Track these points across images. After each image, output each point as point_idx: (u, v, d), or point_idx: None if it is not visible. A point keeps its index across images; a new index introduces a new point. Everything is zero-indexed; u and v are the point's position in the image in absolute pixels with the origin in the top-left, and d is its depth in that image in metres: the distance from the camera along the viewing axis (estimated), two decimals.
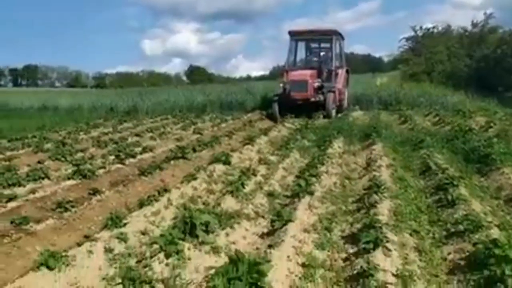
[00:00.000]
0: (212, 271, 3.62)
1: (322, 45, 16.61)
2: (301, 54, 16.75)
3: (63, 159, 8.31)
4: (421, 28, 33.18)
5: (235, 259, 3.04)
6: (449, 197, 4.99)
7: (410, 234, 4.25)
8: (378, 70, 49.49)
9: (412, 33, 33.37)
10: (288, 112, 14.15)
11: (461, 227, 4.15)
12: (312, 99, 13.90)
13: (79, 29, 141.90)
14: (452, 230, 4.29)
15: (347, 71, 16.69)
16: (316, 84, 14.02)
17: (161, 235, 3.87)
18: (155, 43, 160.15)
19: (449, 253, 3.89)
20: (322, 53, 16.49)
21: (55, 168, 7.50)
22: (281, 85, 14.47)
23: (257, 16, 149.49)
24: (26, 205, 5.25)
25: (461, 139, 8.84)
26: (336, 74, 15.10)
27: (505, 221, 4.51)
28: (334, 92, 14.13)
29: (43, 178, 6.59)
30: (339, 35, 15.89)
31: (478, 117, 12.79)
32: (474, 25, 29.88)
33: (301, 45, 16.46)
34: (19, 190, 5.92)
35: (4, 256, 3.92)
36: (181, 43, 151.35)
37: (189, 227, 4.06)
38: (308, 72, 14.18)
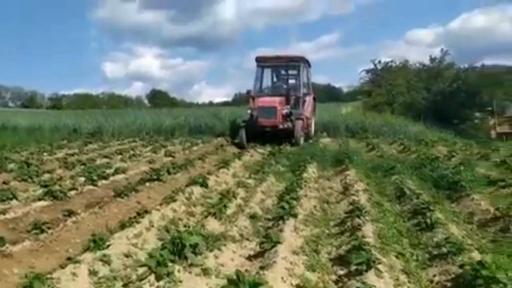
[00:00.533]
0: None
1: (290, 72, 16.62)
2: (268, 80, 16.68)
3: (29, 180, 7.97)
4: (380, 62, 34.68)
5: (235, 280, 3.00)
6: (428, 221, 5.15)
7: (396, 257, 4.34)
8: (338, 99, 50.88)
9: (372, 66, 34.80)
10: (255, 139, 13.89)
11: (444, 250, 4.27)
12: (281, 126, 13.71)
13: (36, 48, 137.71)
14: (435, 252, 4.41)
15: (314, 99, 16.84)
16: (285, 111, 13.84)
17: (151, 257, 3.76)
18: (116, 66, 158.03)
19: (434, 275, 3.99)
20: (291, 80, 16.44)
21: (22, 189, 7.15)
22: (249, 111, 14.28)
23: (221, 44, 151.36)
24: None
25: (428, 166, 9.17)
26: (304, 102, 15.15)
27: (482, 244, 4.69)
28: (302, 119, 14.03)
29: (11, 199, 6.27)
30: (306, 62, 16.17)
31: (440, 146, 13.38)
32: (432, 60, 31.50)
33: (268, 72, 16.48)
34: None
35: None
36: (144, 67, 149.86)
37: (178, 248, 3.97)
38: (276, 98, 14.08)
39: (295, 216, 5.40)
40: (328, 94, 67.87)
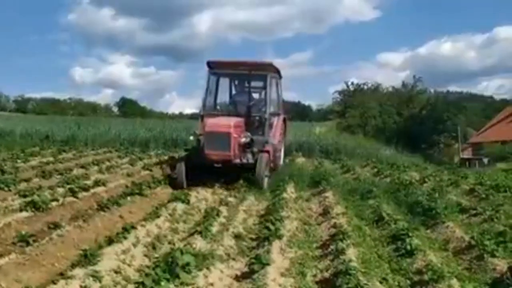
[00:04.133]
0: None
1: (253, 84, 11.78)
2: (225, 95, 11.93)
3: (6, 188, 7.78)
4: (352, 83, 35.73)
5: None
6: (408, 247, 5.36)
7: (380, 282, 4.51)
8: (307, 118, 51.75)
9: (343, 87, 35.82)
10: (200, 176, 9.66)
11: (425, 277, 4.47)
12: (237, 161, 9.50)
13: (2, 48, 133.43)
14: (415, 279, 4.61)
15: (284, 120, 12.40)
16: (243, 140, 9.60)
17: (146, 275, 3.80)
18: (86, 71, 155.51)
19: None
20: (254, 95, 11.64)
21: (0, 198, 6.99)
22: (192, 137, 10.38)
23: (195, 55, 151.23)
24: None
25: (403, 191, 9.49)
26: (271, 125, 10.77)
27: (460, 272, 4.92)
28: (267, 152, 9.89)
29: None
30: (276, 71, 11.58)
31: (412, 171, 13.82)
32: (404, 85, 32.69)
33: (226, 82, 11.85)
34: None
35: None
36: (114, 74, 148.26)
37: (170, 267, 4.02)
38: (232, 120, 9.63)
39: (280, 237, 5.52)
40: (297, 112, 68.98)
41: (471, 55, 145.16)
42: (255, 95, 11.66)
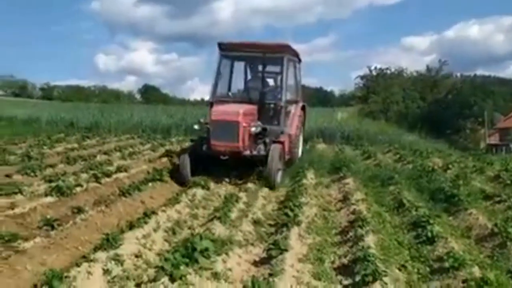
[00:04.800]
0: None
1: (269, 68, 10.50)
2: (239, 82, 10.79)
3: (32, 174, 8.02)
4: (375, 68, 35.06)
5: (250, 287, 3.11)
6: (428, 234, 5.30)
7: (399, 269, 4.49)
8: (329, 103, 51.20)
9: (366, 72, 35.20)
10: (207, 169, 8.72)
11: (445, 264, 4.42)
12: (247, 153, 8.42)
13: (28, 38, 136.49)
14: (436, 266, 4.57)
15: (303, 108, 11.16)
16: (254, 129, 8.47)
17: (166, 259, 3.87)
18: (109, 59, 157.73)
19: None
20: (269, 80, 10.57)
21: (26, 183, 7.19)
22: (196, 127, 9.36)
23: (216, 41, 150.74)
24: (6, 221, 5.04)
25: (425, 178, 9.35)
26: (288, 113, 9.83)
27: (482, 259, 4.85)
28: (282, 142, 8.86)
29: (16, 193, 6.34)
30: (294, 55, 10.59)
31: (435, 158, 13.57)
32: (429, 70, 31.94)
33: (240, 67, 10.83)
34: None
35: None
36: (137, 62, 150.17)
37: (190, 252, 4.08)
38: (241, 108, 8.48)
39: (298, 223, 5.52)
40: (319, 98, 68.24)
41: (499, 38, 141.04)
42: (271, 81, 10.62)
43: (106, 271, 3.92)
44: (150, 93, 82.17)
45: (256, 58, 10.09)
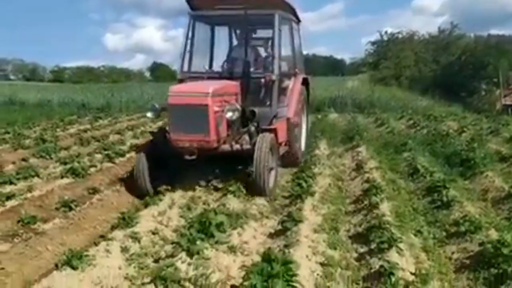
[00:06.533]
0: (234, 270, 3.74)
1: (260, 32, 8.01)
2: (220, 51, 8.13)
3: (47, 156, 8.12)
4: (386, 32, 34.28)
5: (268, 258, 3.14)
6: (444, 199, 5.28)
7: (415, 235, 4.49)
8: (340, 72, 50.35)
9: (377, 37, 34.44)
10: (170, 171, 6.35)
11: (461, 228, 4.40)
12: (225, 148, 6.04)
13: (35, 20, 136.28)
14: (452, 230, 4.55)
15: (305, 82, 8.29)
16: (230, 114, 5.89)
17: (182, 235, 3.92)
18: (117, 38, 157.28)
19: (453, 253, 4.14)
20: (260, 49, 7.84)
21: (42, 166, 7.31)
22: (149, 115, 6.61)
23: None
24: (25, 204, 5.15)
25: (439, 143, 9.25)
26: (284, 90, 7.30)
27: (499, 222, 4.81)
28: (274, 130, 6.34)
29: (33, 176, 6.44)
30: (289, 11, 7.75)
31: (449, 121, 13.39)
32: (440, 31, 31.15)
33: (220, 33, 8.26)
34: (11, 188, 5.77)
35: (19, 256, 3.88)
36: (145, 39, 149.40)
37: (205, 227, 4.12)
38: (210, 85, 6.02)
39: (312, 194, 5.53)
40: (330, 67, 67.11)
41: None
42: (262, 50, 7.79)
43: (124, 249, 3.99)
44: (159, 71, 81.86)
45: (237, 17, 7.00)
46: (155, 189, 5.91)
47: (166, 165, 6.27)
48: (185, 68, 7.26)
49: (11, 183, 6.01)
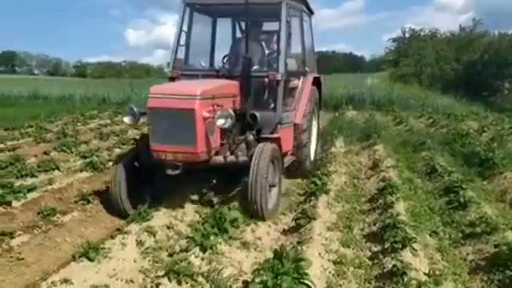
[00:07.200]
0: (247, 266, 3.78)
1: (266, 25, 6.98)
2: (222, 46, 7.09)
3: (68, 150, 8.30)
4: (410, 28, 33.78)
5: (280, 255, 3.17)
6: (461, 200, 5.21)
7: (430, 235, 4.46)
8: (360, 69, 49.80)
9: (398, 34, 33.99)
10: (158, 186, 5.39)
11: (477, 229, 4.35)
12: (217, 161, 5.04)
13: (59, 16, 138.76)
14: (468, 231, 4.50)
15: (316, 82, 7.38)
16: (222, 121, 4.84)
17: (196, 230, 3.98)
18: (138, 33, 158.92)
19: (468, 254, 4.10)
20: (261, 40, 6.66)
21: (63, 159, 7.47)
22: (127, 120, 5.31)
23: None
24: (45, 196, 5.28)
25: (459, 142, 9.12)
26: (291, 91, 6.48)
27: None
28: (276, 140, 5.44)
29: (53, 170, 6.59)
30: (300, 0, 6.97)
31: (470, 121, 13.17)
32: (462, 29, 30.57)
33: (226, 26, 7.37)
34: (32, 181, 5.91)
35: (38, 247, 4.00)
36: (166, 35, 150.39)
37: (219, 222, 4.17)
38: (199, 85, 5.04)
39: (327, 192, 5.52)
40: (350, 64, 66.38)
41: None
42: (264, 40, 6.68)
43: (140, 242, 4.07)
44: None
45: (238, 7, 5.85)
46: (136, 208, 4.87)
47: (152, 179, 5.24)
48: (178, 64, 6.27)
49: (32, 175, 6.16)
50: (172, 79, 6.08)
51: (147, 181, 5.24)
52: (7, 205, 4.78)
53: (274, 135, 5.57)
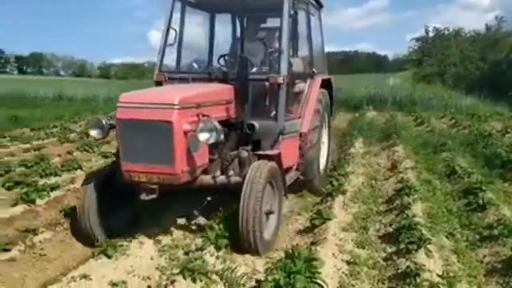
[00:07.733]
0: (260, 265, 3.83)
1: (270, 24, 6.08)
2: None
3: (90, 150, 8.52)
4: (435, 27, 33.24)
5: (292, 255, 3.21)
6: (480, 202, 5.15)
7: (446, 237, 4.42)
8: (383, 69, 49.30)
9: (421, 34, 33.47)
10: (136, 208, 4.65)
11: (495, 231, 4.29)
12: (204, 181, 4.23)
13: (84, 18, 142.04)
14: (485, 234, 4.44)
15: (325, 84, 6.56)
16: (207, 135, 3.88)
17: (211, 229, 4.05)
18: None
19: (484, 256, 4.05)
20: (263, 38, 5.82)
21: (85, 159, 7.68)
22: (94, 133, 4.42)
23: None
24: (68, 195, 5.45)
25: (481, 143, 8.96)
26: (296, 96, 5.75)
27: None
28: (276, 157, 4.54)
29: (76, 169, 6.78)
30: None
31: (493, 121, 12.90)
32: (487, 28, 29.91)
33: (225, 21, 6.59)
34: (56, 180, 6.10)
35: (60, 244, 4.14)
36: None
37: (234, 222, 4.22)
38: (182, 91, 4.28)
39: (343, 192, 5.53)
40: (373, 63, 65.74)
41: None
42: (263, 38, 5.83)
43: (156, 241, 4.17)
44: None
45: (237, 2, 5.23)
46: (109, 235, 4.22)
47: (130, 199, 4.31)
48: (163, 66, 5.44)
49: (56, 174, 6.36)
50: (158, 83, 5.26)
51: (124, 202, 4.48)
52: (31, 203, 4.96)
53: (273, 152, 4.67)
